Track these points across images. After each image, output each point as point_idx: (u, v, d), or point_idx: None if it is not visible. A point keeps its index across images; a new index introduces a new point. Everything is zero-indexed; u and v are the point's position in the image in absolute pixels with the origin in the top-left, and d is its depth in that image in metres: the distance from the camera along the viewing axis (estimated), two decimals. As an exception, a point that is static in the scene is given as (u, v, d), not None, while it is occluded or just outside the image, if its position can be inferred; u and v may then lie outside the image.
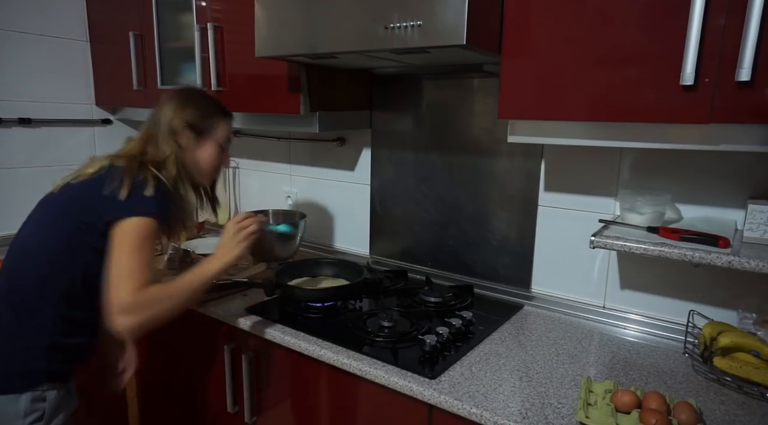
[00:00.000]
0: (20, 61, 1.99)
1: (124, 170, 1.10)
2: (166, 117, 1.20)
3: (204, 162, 1.25)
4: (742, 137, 0.95)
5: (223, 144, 1.28)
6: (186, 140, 1.21)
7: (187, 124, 1.21)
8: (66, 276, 1.09)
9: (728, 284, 1.25)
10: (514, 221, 1.55)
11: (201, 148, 1.24)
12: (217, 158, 1.28)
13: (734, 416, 0.98)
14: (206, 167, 1.26)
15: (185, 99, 1.24)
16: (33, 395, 1.06)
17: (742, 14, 0.86)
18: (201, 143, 1.23)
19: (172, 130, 1.19)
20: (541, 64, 1.08)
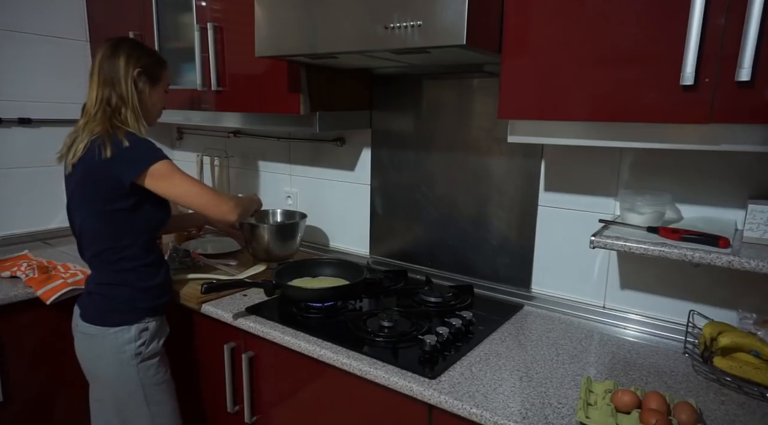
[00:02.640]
0: (20, 61, 1.99)
1: (107, 134, 1.25)
2: (122, 66, 1.31)
3: (155, 107, 1.42)
4: (743, 137, 0.95)
5: (167, 90, 1.45)
6: (143, 86, 1.35)
7: (144, 71, 1.34)
8: (129, 238, 1.32)
9: (728, 284, 1.25)
10: (514, 221, 1.55)
11: (154, 93, 1.39)
12: (161, 102, 1.44)
13: (734, 416, 0.98)
14: (155, 111, 1.43)
15: (133, 48, 1.35)
16: (139, 326, 1.34)
17: (742, 14, 0.86)
18: (153, 87, 1.38)
19: (132, 77, 1.32)
20: (541, 64, 1.08)
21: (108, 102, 1.30)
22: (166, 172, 1.26)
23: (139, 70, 1.33)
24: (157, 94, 1.40)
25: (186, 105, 1.85)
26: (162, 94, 1.42)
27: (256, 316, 1.40)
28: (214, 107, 1.75)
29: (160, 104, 1.43)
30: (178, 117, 1.92)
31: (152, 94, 1.38)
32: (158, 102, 1.42)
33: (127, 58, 1.31)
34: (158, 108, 1.44)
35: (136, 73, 1.32)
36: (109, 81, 1.30)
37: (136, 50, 1.34)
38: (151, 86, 1.37)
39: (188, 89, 1.80)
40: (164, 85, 1.42)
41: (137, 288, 1.35)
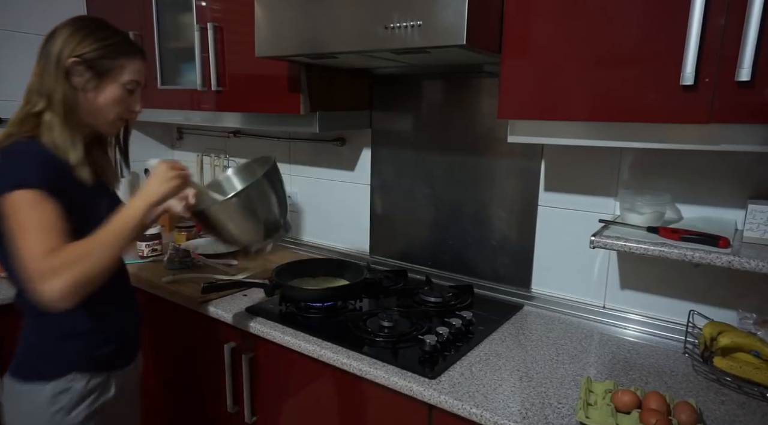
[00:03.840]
0: (20, 62, 1.99)
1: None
2: (56, 51, 1.02)
3: (104, 111, 1.07)
4: (742, 137, 0.95)
5: (130, 87, 1.08)
6: (80, 80, 1.03)
7: (84, 61, 1.02)
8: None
9: (728, 284, 1.25)
10: (514, 221, 1.55)
11: (99, 91, 1.05)
12: (119, 104, 1.08)
13: (734, 416, 0.98)
14: (102, 114, 1.07)
15: (78, 30, 1.04)
16: (57, 384, 1.04)
17: (742, 14, 0.86)
18: (100, 85, 1.04)
19: (64, 67, 1.01)
20: (541, 64, 1.08)
21: (28, 100, 1.06)
22: (13, 206, 0.93)
23: (74, 60, 1.01)
24: (110, 94, 1.05)
25: (186, 105, 1.85)
26: (119, 94, 1.06)
27: (256, 316, 1.40)
28: (214, 107, 1.75)
29: (117, 107, 1.07)
30: (178, 117, 1.92)
31: (98, 93, 1.05)
32: (112, 104, 1.06)
33: (63, 44, 1.02)
34: (114, 112, 1.08)
35: (69, 63, 1.01)
36: (39, 72, 1.05)
37: (79, 33, 1.03)
38: (97, 83, 1.04)
39: (188, 89, 1.80)
40: (123, 82, 1.06)
41: (56, 334, 1.06)
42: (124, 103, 1.09)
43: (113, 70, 1.05)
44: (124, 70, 1.07)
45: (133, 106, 1.11)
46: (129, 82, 1.07)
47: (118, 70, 1.06)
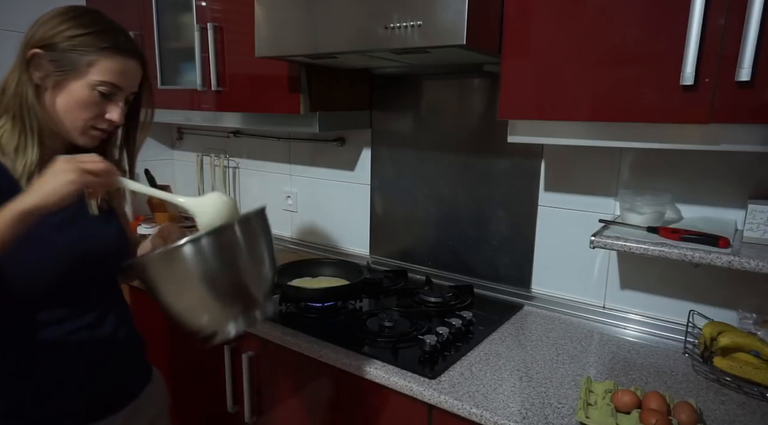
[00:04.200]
0: (20, 61, 1.99)
1: None
2: (26, 38, 0.87)
3: (63, 110, 0.87)
4: (742, 137, 0.95)
5: (103, 90, 0.87)
6: (39, 74, 0.85)
7: (47, 52, 0.84)
8: None
9: (728, 284, 1.25)
10: (514, 221, 1.55)
11: (60, 90, 0.86)
12: (86, 109, 0.87)
13: (734, 416, 0.98)
14: (66, 119, 0.87)
15: (63, 15, 0.87)
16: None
17: (742, 14, 0.86)
18: (62, 82, 0.86)
19: (24, 57, 0.85)
20: (541, 64, 1.08)
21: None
22: None
23: (35, 51, 0.84)
24: (73, 95, 0.86)
25: (186, 105, 1.85)
26: (84, 96, 0.86)
27: (256, 316, 1.40)
28: (214, 107, 1.75)
29: (83, 112, 0.87)
30: (178, 117, 1.92)
31: (58, 92, 0.86)
32: (75, 108, 0.87)
33: (35, 30, 0.86)
34: (80, 119, 0.88)
35: (29, 55, 0.84)
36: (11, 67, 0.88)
37: (57, 20, 0.86)
38: (58, 80, 0.85)
39: (188, 89, 1.80)
40: (92, 82, 0.86)
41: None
42: (95, 109, 0.88)
43: (80, 66, 0.85)
44: (94, 67, 0.86)
45: (108, 113, 0.89)
46: (99, 83, 0.86)
47: (85, 66, 0.85)
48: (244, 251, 0.82)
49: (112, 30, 0.89)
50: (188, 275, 0.78)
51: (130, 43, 0.92)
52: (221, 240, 0.79)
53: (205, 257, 0.78)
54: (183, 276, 0.78)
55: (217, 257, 0.79)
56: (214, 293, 0.79)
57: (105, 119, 0.90)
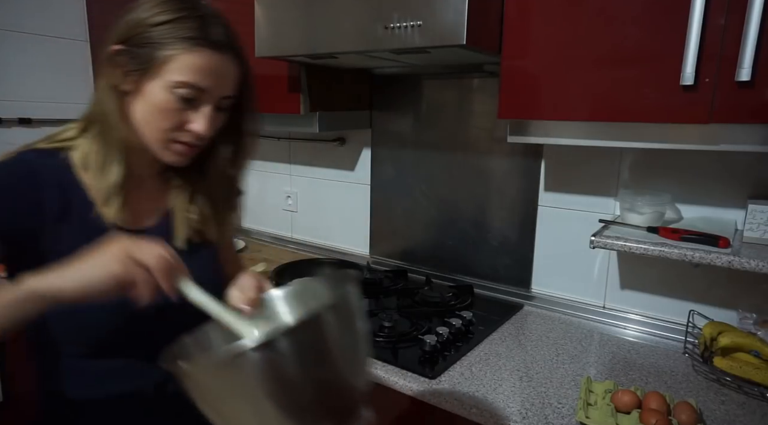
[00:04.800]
0: (20, 61, 1.99)
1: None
2: (113, 31, 0.73)
3: (142, 119, 0.73)
4: (742, 137, 0.95)
5: (183, 93, 0.70)
6: (118, 74, 0.71)
7: (125, 46, 0.71)
8: None
9: (728, 285, 1.25)
10: (514, 221, 1.55)
11: (138, 93, 0.72)
12: (165, 117, 0.71)
13: (734, 416, 0.98)
14: (145, 129, 0.73)
15: (140, 6, 0.72)
16: None
17: (742, 14, 0.86)
18: (140, 83, 0.71)
19: (108, 58, 0.72)
20: (541, 64, 1.08)
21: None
22: None
23: (115, 47, 0.71)
24: (149, 98, 0.71)
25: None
26: (162, 100, 0.71)
27: (256, 316, 1.39)
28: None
29: (161, 121, 0.72)
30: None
31: (137, 97, 0.72)
32: (152, 115, 0.72)
33: (125, 21, 0.72)
34: (159, 129, 0.73)
35: (110, 52, 0.71)
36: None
37: (137, 8, 0.71)
38: (136, 81, 0.71)
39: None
40: (169, 83, 0.70)
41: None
42: (175, 117, 0.71)
43: (156, 62, 0.69)
44: (172, 63, 0.69)
45: (191, 122, 0.72)
46: (178, 84, 0.69)
47: (162, 63, 0.69)
48: (334, 349, 0.56)
49: (200, 16, 0.71)
50: (254, 390, 0.52)
51: (222, 33, 0.72)
52: (304, 340, 0.53)
53: (279, 365, 0.52)
54: (246, 391, 0.53)
55: (296, 364, 0.52)
56: (289, 411, 0.53)
57: (187, 130, 0.73)
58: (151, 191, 0.82)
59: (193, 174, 0.83)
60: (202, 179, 0.84)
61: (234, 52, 0.74)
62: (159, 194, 0.83)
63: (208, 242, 0.85)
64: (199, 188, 0.84)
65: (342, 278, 0.72)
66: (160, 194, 0.83)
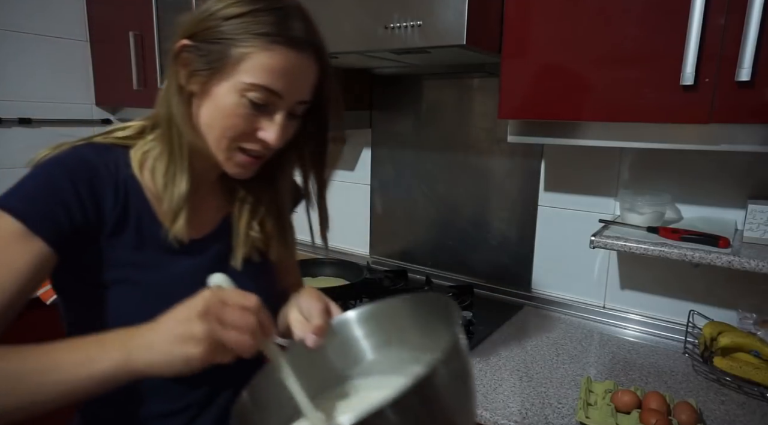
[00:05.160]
0: (20, 61, 1.99)
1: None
2: (180, 22, 0.67)
3: (206, 123, 0.65)
4: (742, 137, 0.95)
5: (255, 97, 0.62)
6: (187, 73, 0.64)
7: (194, 41, 0.63)
8: None
9: (728, 285, 1.25)
10: (514, 221, 1.55)
11: (208, 94, 0.64)
12: (231, 122, 0.64)
13: (734, 416, 0.98)
14: (209, 134, 0.66)
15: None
16: None
17: (742, 14, 0.86)
18: (209, 83, 0.63)
19: (174, 56, 0.65)
20: (541, 64, 1.08)
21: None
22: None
23: (183, 42, 0.64)
24: (219, 103, 0.64)
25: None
26: (230, 104, 0.63)
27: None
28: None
29: (229, 127, 0.64)
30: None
31: (205, 99, 0.65)
32: (219, 119, 0.64)
33: (182, 18, 0.66)
34: (225, 136, 0.65)
35: (177, 48, 0.64)
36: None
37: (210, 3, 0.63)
38: (204, 82, 0.64)
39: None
40: (241, 85, 0.62)
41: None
42: (245, 124, 0.64)
43: (227, 61, 0.61)
44: (244, 63, 0.61)
45: (262, 130, 0.65)
46: (249, 86, 0.61)
47: (233, 62, 0.61)
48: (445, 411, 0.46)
49: (278, 8, 0.62)
50: None
51: (302, 29, 0.63)
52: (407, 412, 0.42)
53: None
54: None
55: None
56: None
57: (257, 139, 0.65)
58: (210, 196, 0.75)
59: (259, 184, 0.75)
60: (269, 191, 0.76)
61: (314, 50, 0.65)
62: (219, 200, 0.76)
63: (265, 263, 0.77)
64: (264, 200, 0.76)
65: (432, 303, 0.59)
66: (220, 200, 0.76)
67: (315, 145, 0.73)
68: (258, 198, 0.76)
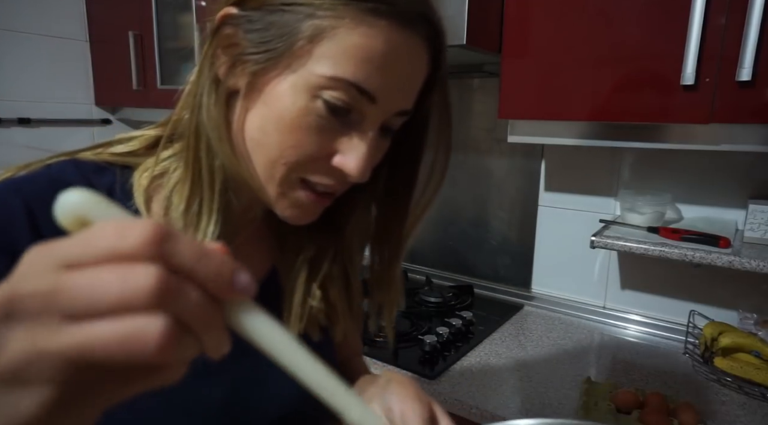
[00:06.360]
0: (20, 61, 1.99)
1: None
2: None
3: (253, 138, 0.44)
4: (743, 137, 0.94)
5: (335, 99, 0.40)
6: (229, 59, 0.44)
7: (238, 12, 0.42)
8: None
9: (729, 285, 1.24)
10: (514, 221, 1.54)
11: (259, 90, 0.42)
12: (296, 138, 0.42)
13: (735, 416, 0.98)
14: (256, 156, 0.44)
15: None
16: None
17: (742, 14, 0.86)
18: (263, 73, 0.42)
19: (213, 30, 0.45)
20: (541, 64, 1.08)
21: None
22: None
23: (227, 11, 0.43)
24: (277, 105, 0.41)
25: (186, 105, 1.85)
26: (302, 110, 0.40)
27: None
28: (214, 107, 1.75)
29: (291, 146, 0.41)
30: (178, 117, 1.91)
31: (253, 99, 0.43)
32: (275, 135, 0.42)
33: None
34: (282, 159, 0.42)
35: (218, 19, 0.44)
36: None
37: None
38: (256, 71, 0.42)
39: (188, 89, 1.80)
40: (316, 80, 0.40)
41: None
42: (315, 142, 0.42)
43: (296, 42, 0.40)
44: (321, 45, 0.40)
45: (340, 154, 0.43)
46: (329, 82, 0.40)
47: (305, 44, 0.40)
48: None
49: None
50: None
51: (414, 1, 0.41)
52: None
53: None
54: None
55: None
56: None
57: (330, 167, 0.44)
58: (250, 244, 0.53)
59: (322, 231, 0.52)
60: (335, 240, 0.53)
61: (429, 29, 0.43)
62: (263, 247, 0.54)
63: (329, 339, 0.55)
64: (328, 255, 0.54)
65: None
66: (264, 247, 0.54)
67: (399, 181, 0.51)
68: (321, 251, 0.53)
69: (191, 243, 0.22)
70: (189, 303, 0.21)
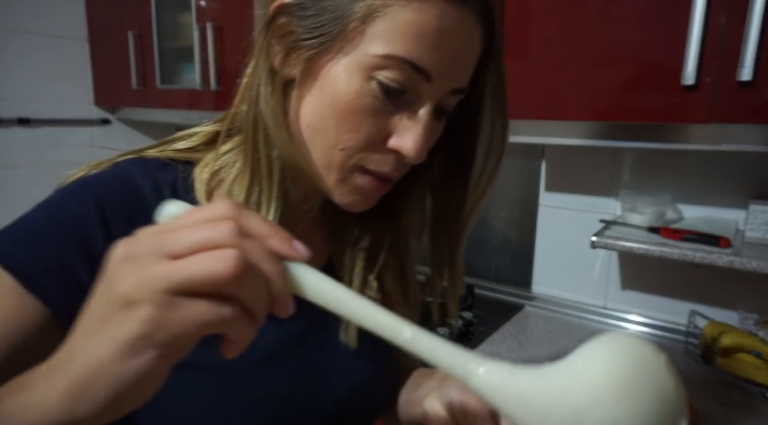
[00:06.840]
0: (19, 61, 1.99)
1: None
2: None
3: (309, 125, 0.45)
4: (744, 137, 0.94)
5: (390, 80, 0.41)
6: (283, 48, 0.45)
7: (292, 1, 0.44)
8: None
9: (729, 285, 1.24)
10: (514, 221, 1.54)
11: (314, 78, 0.44)
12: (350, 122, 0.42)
13: (735, 417, 0.98)
14: (313, 143, 0.45)
15: None
16: None
17: (743, 13, 0.86)
18: (316, 60, 0.43)
19: (266, 21, 0.47)
20: (542, 63, 1.08)
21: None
22: None
23: (284, 1, 0.44)
24: (331, 90, 0.42)
25: (185, 105, 1.85)
26: (355, 92, 0.41)
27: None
28: (213, 107, 1.75)
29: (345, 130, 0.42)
30: (177, 117, 1.91)
31: (308, 86, 0.44)
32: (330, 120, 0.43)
33: None
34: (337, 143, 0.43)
35: (272, 9, 0.45)
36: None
37: None
38: (310, 58, 0.43)
39: (187, 89, 1.80)
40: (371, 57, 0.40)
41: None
42: (371, 125, 0.43)
43: (348, 23, 0.41)
44: (374, 25, 0.40)
45: (396, 135, 0.44)
46: (383, 61, 0.40)
47: (357, 26, 0.41)
48: None
49: None
50: None
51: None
52: None
53: None
54: None
55: None
56: None
57: (386, 149, 0.44)
58: (308, 234, 0.52)
59: (378, 220, 0.53)
60: (390, 230, 0.54)
61: (482, 5, 0.42)
62: (320, 238, 0.55)
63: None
64: (384, 245, 0.55)
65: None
66: (321, 237, 0.55)
67: (455, 166, 0.49)
68: (377, 241, 0.54)
69: (258, 215, 0.30)
70: (256, 246, 0.28)
